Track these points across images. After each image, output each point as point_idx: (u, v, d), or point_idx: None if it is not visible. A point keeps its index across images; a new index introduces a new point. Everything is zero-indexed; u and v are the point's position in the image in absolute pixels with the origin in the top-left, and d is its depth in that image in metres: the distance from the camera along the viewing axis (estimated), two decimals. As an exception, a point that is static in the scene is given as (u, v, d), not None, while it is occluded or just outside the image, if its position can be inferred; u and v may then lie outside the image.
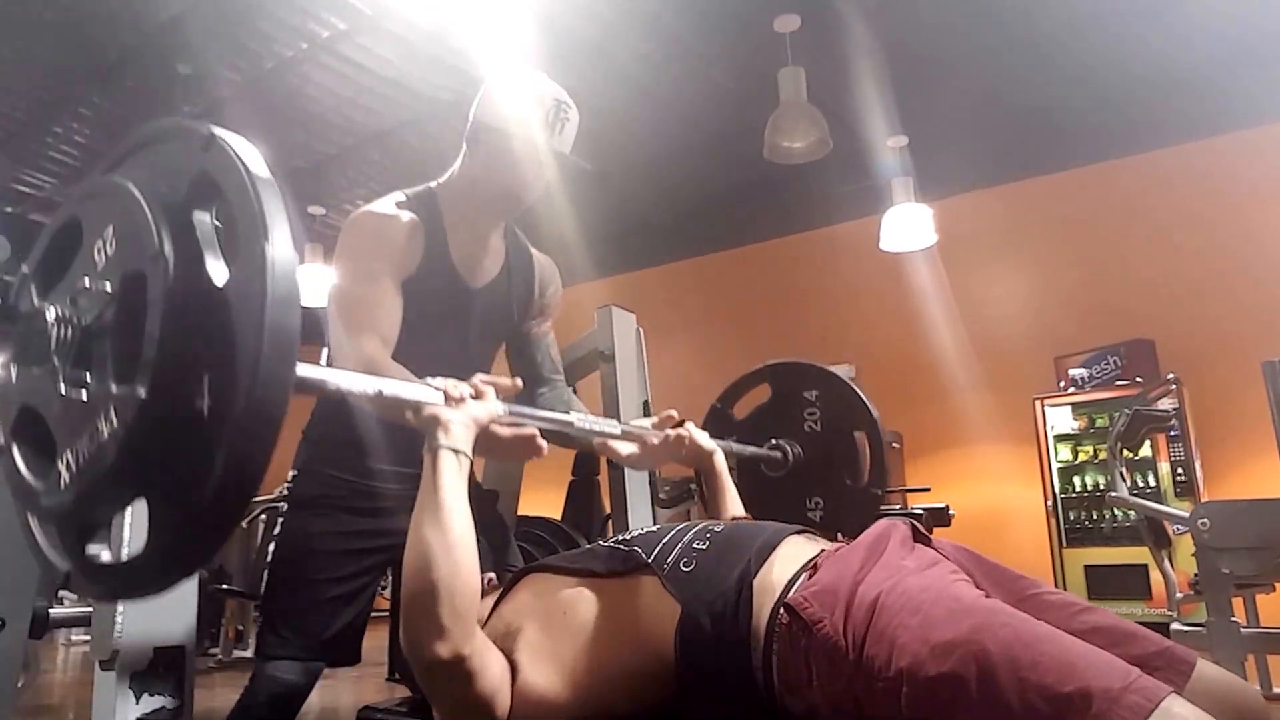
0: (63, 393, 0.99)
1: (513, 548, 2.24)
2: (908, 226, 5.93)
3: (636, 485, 2.87)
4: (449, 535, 1.26)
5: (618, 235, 7.35)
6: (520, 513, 3.15)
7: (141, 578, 1.00)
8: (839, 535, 2.09)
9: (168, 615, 1.57)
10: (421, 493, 1.31)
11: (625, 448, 1.95)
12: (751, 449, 2.50)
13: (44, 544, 1.13)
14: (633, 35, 4.81)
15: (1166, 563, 3.93)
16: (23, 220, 7.02)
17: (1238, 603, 3.70)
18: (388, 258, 1.85)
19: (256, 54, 4.99)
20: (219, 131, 1.00)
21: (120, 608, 1.49)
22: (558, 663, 1.30)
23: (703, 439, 1.98)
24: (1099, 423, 5.83)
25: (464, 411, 1.38)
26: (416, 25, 4.71)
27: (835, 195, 6.76)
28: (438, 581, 1.22)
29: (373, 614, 1.99)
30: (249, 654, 6.01)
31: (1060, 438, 6.04)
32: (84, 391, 0.98)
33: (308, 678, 1.83)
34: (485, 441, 1.44)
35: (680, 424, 1.97)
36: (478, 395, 1.43)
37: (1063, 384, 6.14)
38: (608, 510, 3.77)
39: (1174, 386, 5.16)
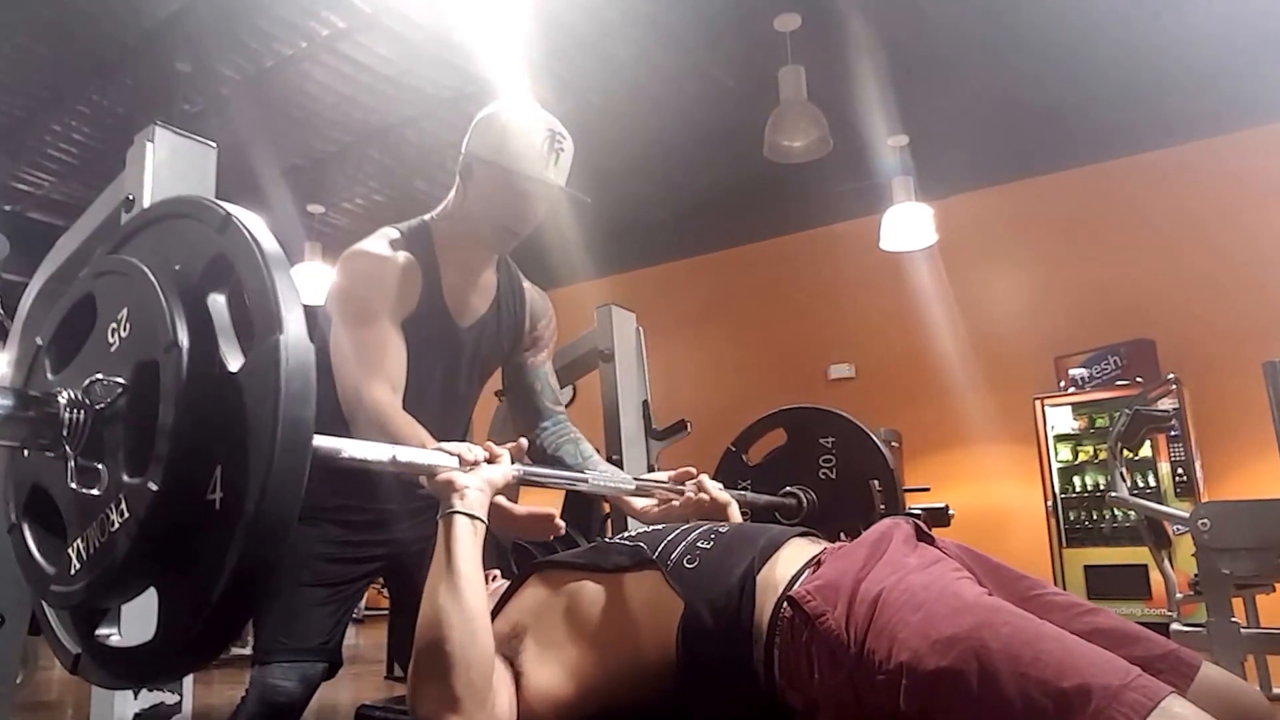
0: (73, 486, 0.98)
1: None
2: (908, 226, 5.93)
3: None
4: (465, 606, 1.24)
5: (617, 234, 7.34)
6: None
7: (152, 667, 1.00)
8: (842, 535, 2.08)
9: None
10: (436, 559, 1.30)
11: (639, 502, 1.96)
12: (766, 498, 2.49)
13: (55, 625, 1.13)
14: (632, 33, 4.81)
15: (1166, 563, 3.92)
16: (21, 218, 7.02)
17: (1238, 603, 3.69)
18: (387, 300, 1.83)
19: (256, 52, 4.99)
20: (235, 212, 1.00)
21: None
22: (561, 659, 1.31)
23: (718, 493, 1.97)
24: (1099, 423, 5.83)
25: (478, 476, 1.37)
26: (416, 23, 4.71)
27: (835, 194, 6.76)
28: (453, 654, 1.21)
29: (371, 613, 2.00)
30: (247, 651, 6.00)
31: (1060, 438, 6.04)
32: (96, 488, 0.98)
33: (305, 686, 1.82)
34: (501, 519, 1.45)
35: (695, 478, 1.97)
36: (492, 459, 1.42)
37: (1063, 384, 6.14)
38: (608, 509, 3.76)
39: (1174, 387, 5.16)
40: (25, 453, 1.12)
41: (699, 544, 1.39)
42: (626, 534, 1.53)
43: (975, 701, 1.03)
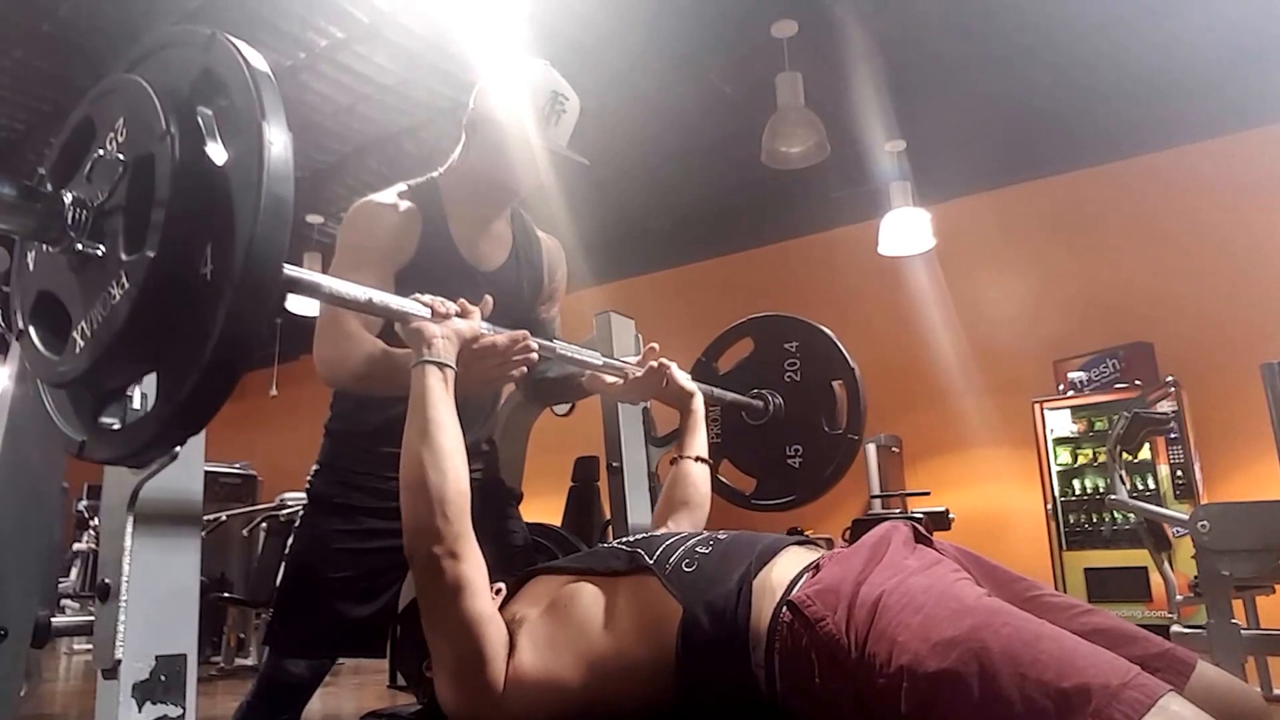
0: (79, 250, 1.06)
1: (528, 549, 2.25)
2: (906, 230, 5.95)
3: (636, 491, 2.87)
4: (436, 448, 1.34)
5: (616, 241, 7.35)
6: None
7: (151, 436, 1.07)
8: (846, 535, 2.11)
9: (170, 624, 1.57)
10: (410, 407, 1.39)
11: (608, 378, 2.05)
12: (733, 395, 2.58)
13: (58, 418, 1.22)
14: (630, 41, 4.82)
15: (1166, 565, 3.93)
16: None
17: (1237, 605, 3.70)
18: (377, 247, 1.87)
19: (255, 63, 5.00)
20: (221, 33, 1.07)
21: (122, 616, 1.49)
22: (556, 650, 1.32)
23: (684, 379, 2.09)
24: (1098, 426, 5.82)
25: (448, 326, 1.46)
26: (414, 33, 4.72)
27: (833, 200, 6.76)
28: (429, 489, 1.31)
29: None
30: (251, 662, 6.01)
31: (1059, 441, 6.04)
32: (100, 249, 1.06)
33: (314, 672, 1.84)
34: (476, 367, 1.53)
35: (666, 367, 2.07)
36: (463, 313, 1.51)
37: (1062, 387, 6.14)
38: (608, 516, 3.77)
39: (1173, 389, 5.18)
40: (31, 265, 1.21)
41: (697, 549, 1.40)
42: (625, 539, 1.54)
43: (976, 703, 1.03)
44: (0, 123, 5.67)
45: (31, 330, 1.19)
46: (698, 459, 2.04)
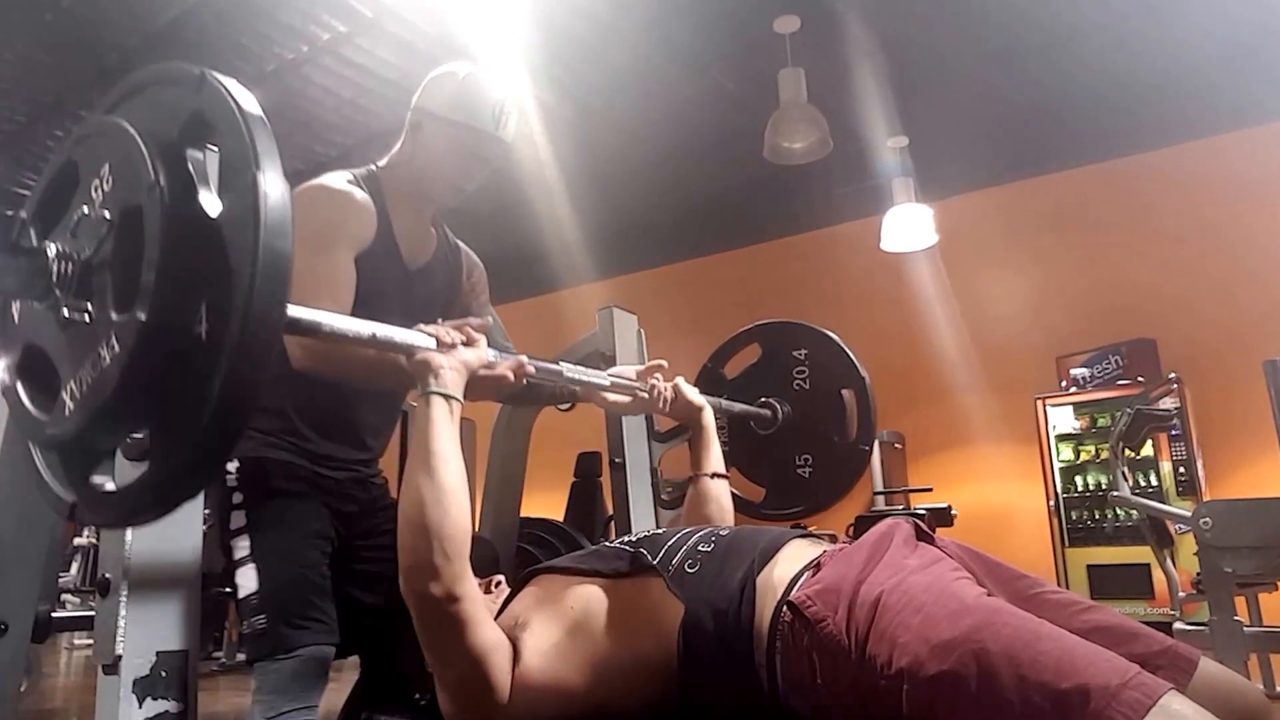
0: (66, 317, 1.02)
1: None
2: (908, 227, 5.94)
3: (639, 486, 2.87)
4: (439, 481, 1.31)
5: (619, 236, 7.35)
6: (523, 514, 3.15)
7: (144, 501, 1.03)
8: (850, 531, 2.10)
9: (171, 619, 1.57)
10: (414, 439, 1.36)
11: (612, 396, 2.01)
12: (741, 406, 2.55)
13: (49, 477, 1.16)
14: (632, 36, 4.81)
15: (1169, 562, 3.93)
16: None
17: (1240, 602, 3.70)
18: (344, 232, 1.86)
19: (257, 56, 4.99)
20: (211, 72, 1.02)
21: (123, 612, 1.49)
22: (560, 653, 1.31)
23: (692, 394, 2.05)
24: (1101, 422, 5.82)
25: (454, 357, 1.42)
26: (417, 27, 4.71)
27: (836, 196, 6.75)
28: (429, 526, 1.27)
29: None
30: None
31: (1062, 437, 6.03)
32: (86, 315, 1.01)
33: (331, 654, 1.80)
34: (476, 383, 1.48)
35: (671, 376, 2.05)
36: (469, 342, 1.47)
37: (1064, 384, 6.13)
38: (610, 511, 3.77)
39: (1175, 386, 5.18)
40: (16, 317, 1.16)
41: (699, 547, 1.40)
42: (627, 537, 1.53)
43: (976, 704, 1.03)
44: (2, 114, 5.66)
45: (18, 386, 1.14)
46: (714, 475, 2.00)
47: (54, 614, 2.28)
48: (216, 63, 4.69)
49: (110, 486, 1.09)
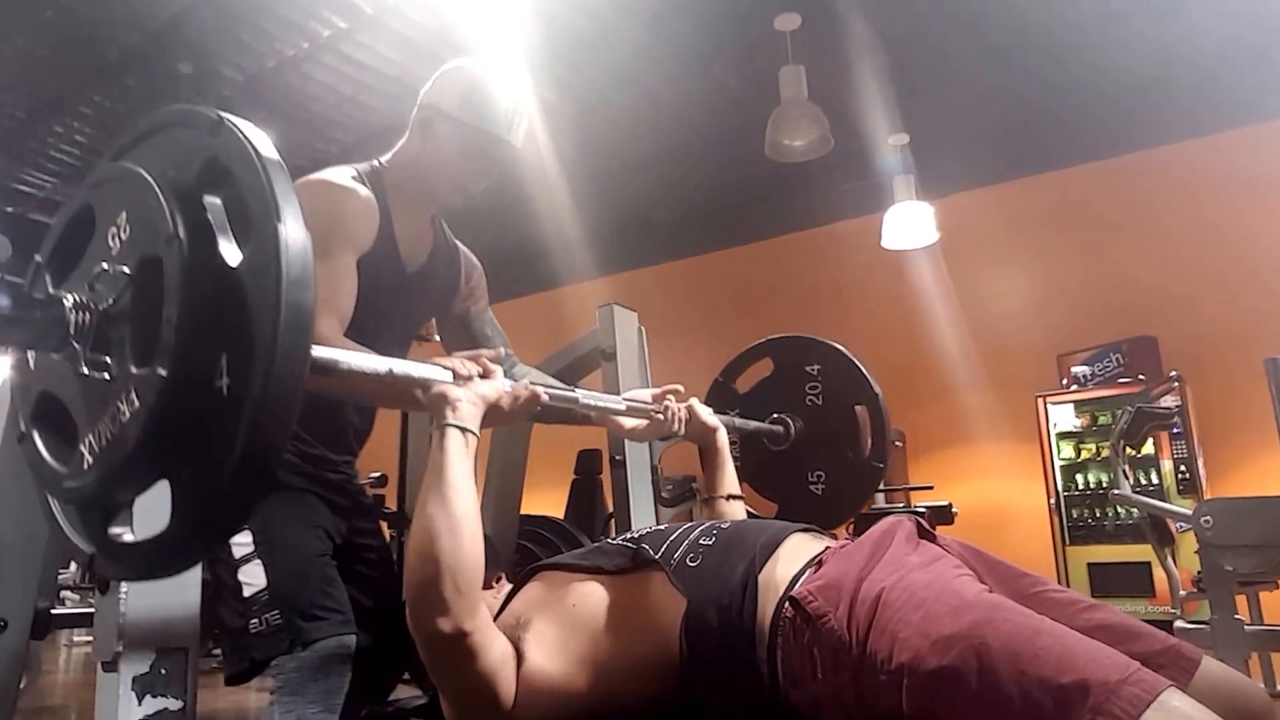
0: (84, 374, 1.00)
1: None
2: (909, 224, 5.93)
3: (639, 484, 2.87)
4: (453, 513, 1.28)
5: (619, 233, 7.34)
6: (523, 511, 3.15)
7: (165, 556, 1.02)
8: (850, 529, 2.10)
9: (171, 616, 1.56)
10: (429, 470, 1.33)
11: (628, 421, 1.99)
12: (754, 424, 2.52)
13: (67, 528, 1.14)
14: (633, 33, 4.80)
15: (1170, 560, 3.93)
16: (24, 220, 7.02)
17: (1241, 600, 3.70)
18: (347, 233, 1.81)
19: (258, 52, 4.99)
20: (228, 116, 1.01)
21: (123, 609, 1.49)
22: (564, 652, 1.31)
23: (706, 415, 2.02)
24: (1102, 420, 5.82)
25: (471, 390, 1.40)
26: (418, 23, 4.71)
27: (837, 193, 6.75)
28: (440, 558, 1.24)
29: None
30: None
31: (1063, 435, 6.03)
32: (106, 371, 1.00)
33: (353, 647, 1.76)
34: (491, 413, 1.46)
35: (685, 398, 2.01)
36: (485, 374, 1.45)
37: (1065, 381, 6.13)
38: (610, 509, 3.77)
39: (1176, 384, 5.16)
40: (32, 362, 1.14)
41: (701, 541, 1.40)
42: (629, 534, 1.54)
43: (976, 700, 1.03)
44: (2, 111, 5.66)
45: (35, 435, 1.12)
46: (730, 497, 1.98)
47: (53, 611, 2.28)
48: (217, 59, 4.70)
49: (129, 538, 1.07)
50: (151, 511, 1.05)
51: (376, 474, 4.86)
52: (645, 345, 3.22)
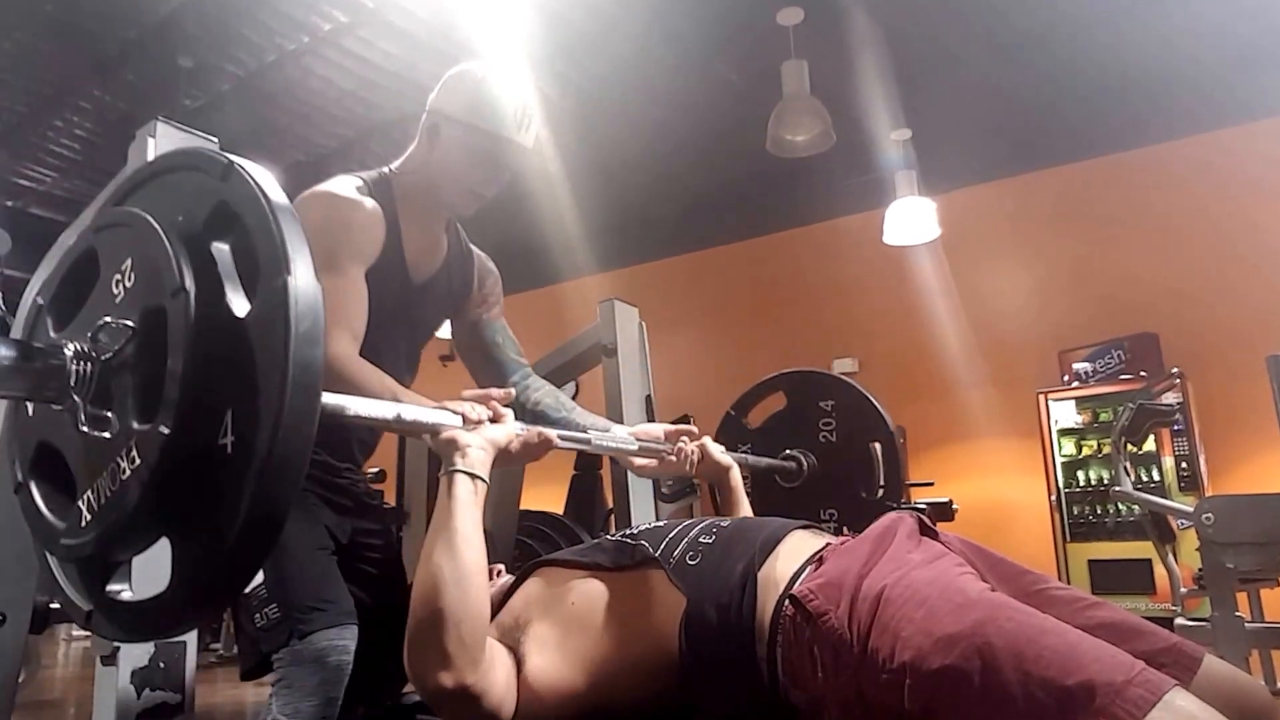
0: (84, 431, 0.97)
1: None
2: (911, 220, 5.92)
3: (639, 480, 2.87)
4: (460, 563, 1.25)
5: (620, 229, 7.33)
6: (522, 507, 3.14)
7: (167, 617, 0.99)
8: (844, 529, 2.08)
9: (147, 561, 1.56)
10: (436, 516, 1.30)
11: (638, 459, 1.94)
12: (767, 461, 2.49)
13: (64, 584, 1.11)
14: (635, 28, 4.79)
15: (1171, 558, 3.92)
16: (23, 214, 7.01)
17: (1242, 597, 3.70)
18: (355, 247, 1.78)
19: (258, 47, 4.98)
20: (238, 160, 0.99)
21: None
22: (563, 652, 1.30)
23: (719, 454, 1.98)
24: (1103, 417, 5.82)
25: (481, 435, 1.37)
26: (418, 18, 4.70)
27: (839, 189, 6.74)
28: (445, 609, 1.21)
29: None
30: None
31: (1064, 432, 6.03)
32: (107, 429, 0.97)
33: (353, 646, 1.75)
34: (501, 456, 1.43)
35: (697, 437, 1.97)
36: (495, 418, 1.42)
37: (1066, 378, 6.13)
38: (610, 505, 3.76)
39: (1178, 381, 5.16)
40: (30, 410, 1.11)
41: (701, 539, 1.39)
42: (629, 530, 1.53)
43: (978, 699, 1.02)
44: (2, 105, 5.65)
45: (32, 486, 1.09)
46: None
47: (52, 605, 2.28)
48: (216, 54, 4.69)
49: (128, 595, 1.04)
50: (150, 563, 1.03)
51: (375, 469, 4.85)
52: (646, 341, 3.22)
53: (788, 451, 2.59)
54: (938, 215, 5.94)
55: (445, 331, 2.26)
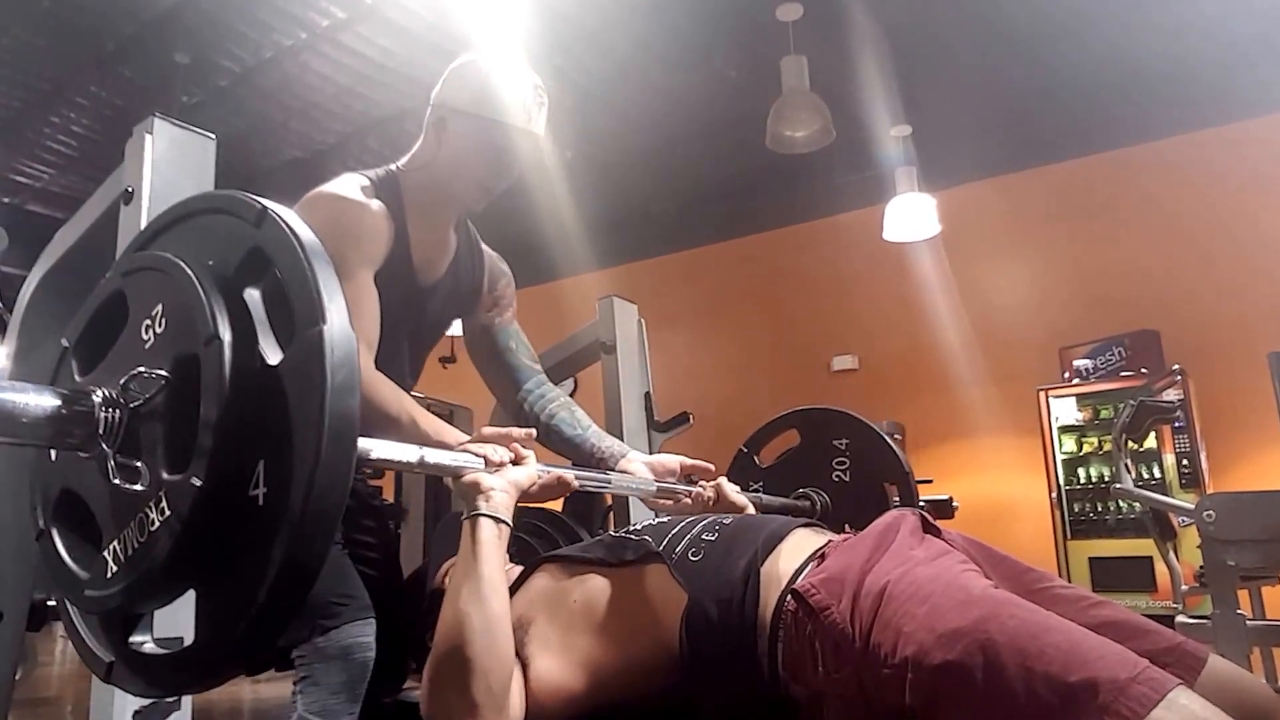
0: (114, 482, 0.94)
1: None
2: (911, 216, 5.92)
3: (638, 478, 2.87)
4: (487, 612, 1.24)
5: (619, 225, 7.33)
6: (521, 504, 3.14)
7: (193, 672, 0.96)
8: (846, 526, 2.07)
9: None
10: (460, 560, 1.29)
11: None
12: (780, 500, 2.47)
13: (85, 634, 1.08)
14: (634, 23, 4.79)
15: (1172, 555, 3.91)
16: (20, 211, 7.01)
17: (1243, 595, 3.68)
18: (361, 249, 1.73)
19: (255, 43, 4.97)
20: (272, 206, 0.97)
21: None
22: (565, 651, 1.30)
23: (734, 494, 1.96)
24: (1104, 414, 5.82)
25: (503, 478, 1.36)
26: (415, 13, 4.69)
27: (838, 185, 6.74)
28: (473, 659, 1.20)
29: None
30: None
31: (1065, 429, 6.03)
32: (136, 480, 0.94)
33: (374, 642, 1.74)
34: (523, 497, 1.42)
35: (713, 476, 1.96)
36: (517, 460, 1.41)
37: (1067, 375, 6.12)
38: (609, 502, 3.76)
39: (1179, 378, 5.15)
40: (53, 456, 1.09)
41: (703, 536, 1.39)
42: (631, 527, 1.53)
43: (981, 696, 1.02)
44: (-1, 102, 5.65)
45: (54, 534, 1.06)
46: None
47: (49, 602, 2.27)
48: (214, 50, 4.70)
49: (150, 647, 1.02)
50: (174, 614, 1.01)
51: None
52: (645, 338, 3.22)
53: (801, 490, 2.56)
54: (938, 211, 5.93)
55: (456, 329, 2.21)
